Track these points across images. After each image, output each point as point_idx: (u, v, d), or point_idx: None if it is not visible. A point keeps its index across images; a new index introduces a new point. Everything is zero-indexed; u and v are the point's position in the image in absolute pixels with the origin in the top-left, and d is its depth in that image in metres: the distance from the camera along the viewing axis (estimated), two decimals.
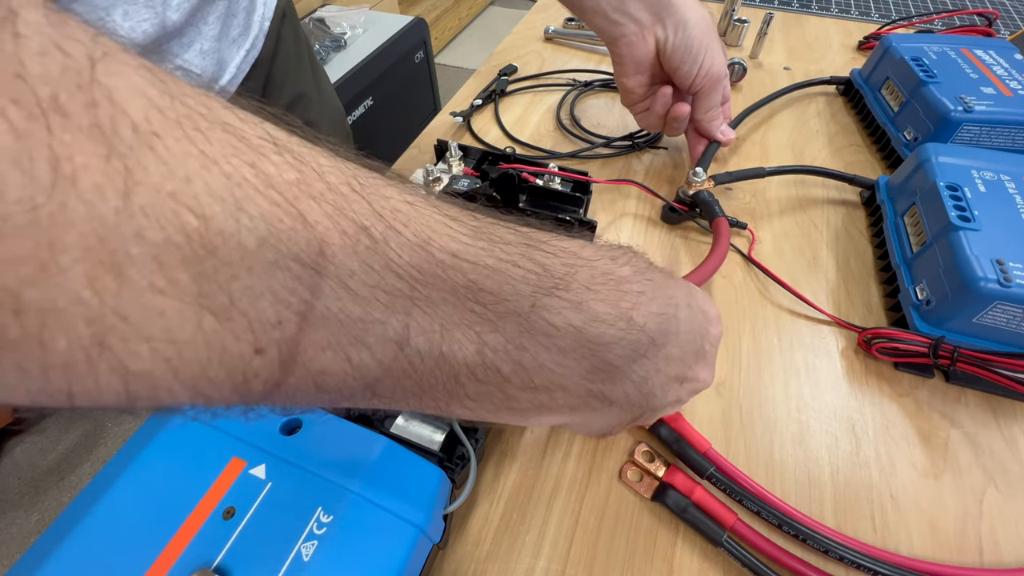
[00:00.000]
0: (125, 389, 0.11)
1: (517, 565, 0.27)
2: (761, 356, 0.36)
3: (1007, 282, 0.31)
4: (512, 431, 0.32)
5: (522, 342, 0.16)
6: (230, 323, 0.11)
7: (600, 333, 0.17)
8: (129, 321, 0.10)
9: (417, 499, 0.22)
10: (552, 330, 0.16)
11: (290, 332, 0.12)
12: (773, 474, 0.31)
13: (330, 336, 0.13)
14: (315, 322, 0.12)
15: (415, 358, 0.14)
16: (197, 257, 0.10)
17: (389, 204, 0.14)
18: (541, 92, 0.62)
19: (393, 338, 0.14)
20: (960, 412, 0.33)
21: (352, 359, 0.13)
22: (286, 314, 0.12)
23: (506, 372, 0.16)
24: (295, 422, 0.24)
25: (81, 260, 0.09)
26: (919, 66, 0.50)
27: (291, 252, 0.12)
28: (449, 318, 0.15)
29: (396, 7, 1.99)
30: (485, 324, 0.15)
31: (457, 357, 0.15)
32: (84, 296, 0.09)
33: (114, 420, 1.20)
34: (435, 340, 0.14)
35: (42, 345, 0.09)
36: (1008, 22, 0.78)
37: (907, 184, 0.41)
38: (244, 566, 0.20)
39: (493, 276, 0.15)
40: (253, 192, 0.11)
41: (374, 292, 0.13)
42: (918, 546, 0.28)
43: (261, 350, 0.12)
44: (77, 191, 0.09)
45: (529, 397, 0.18)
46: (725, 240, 0.39)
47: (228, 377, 0.12)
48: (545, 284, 0.16)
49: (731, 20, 0.70)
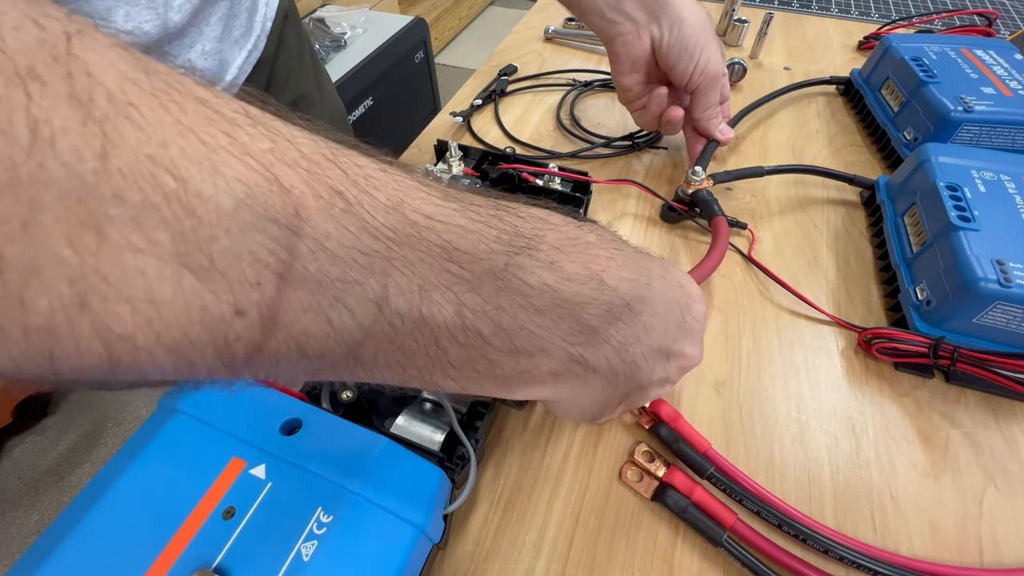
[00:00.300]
0: (107, 352, 0.11)
1: (517, 565, 0.27)
2: (761, 356, 0.36)
3: (1007, 282, 0.31)
4: (512, 430, 0.32)
5: (499, 302, 0.16)
6: (210, 283, 0.11)
7: (574, 292, 0.18)
8: (110, 281, 0.10)
9: (417, 499, 0.22)
10: (527, 288, 0.17)
11: (269, 293, 0.12)
12: (773, 474, 0.31)
13: (310, 297, 0.13)
14: (294, 283, 0.13)
15: (395, 320, 0.15)
16: (176, 218, 0.11)
17: (362, 171, 0.14)
18: (541, 92, 0.62)
19: (372, 299, 0.14)
20: (960, 412, 0.33)
21: (333, 321, 0.14)
22: (265, 274, 0.12)
23: (486, 334, 0.16)
24: (295, 422, 0.24)
25: (61, 219, 0.09)
26: (919, 66, 0.50)
27: (267, 214, 0.12)
28: (426, 279, 0.15)
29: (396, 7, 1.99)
30: (462, 284, 0.16)
31: (437, 319, 0.15)
32: (65, 255, 0.09)
33: (114, 420, 1.20)
34: (414, 301, 0.15)
35: (23, 305, 0.09)
36: (1008, 22, 0.78)
37: (907, 184, 0.41)
38: (244, 566, 0.20)
39: (466, 236, 0.16)
40: (229, 157, 0.12)
41: (351, 253, 0.13)
42: (918, 546, 0.28)
43: (242, 311, 0.12)
44: (55, 152, 0.09)
45: (512, 363, 0.18)
46: (724, 239, 0.39)
47: (210, 339, 0.12)
48: (517, 244, 0.17)
49: (731, 20, 0.70)
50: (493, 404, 0.31)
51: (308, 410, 0.24)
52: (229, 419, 0.23)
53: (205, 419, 0.23)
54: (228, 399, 0.24)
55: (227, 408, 0.24)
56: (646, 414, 0.32)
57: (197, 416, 0.23)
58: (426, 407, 0.30)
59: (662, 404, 0.31)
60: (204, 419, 0.23)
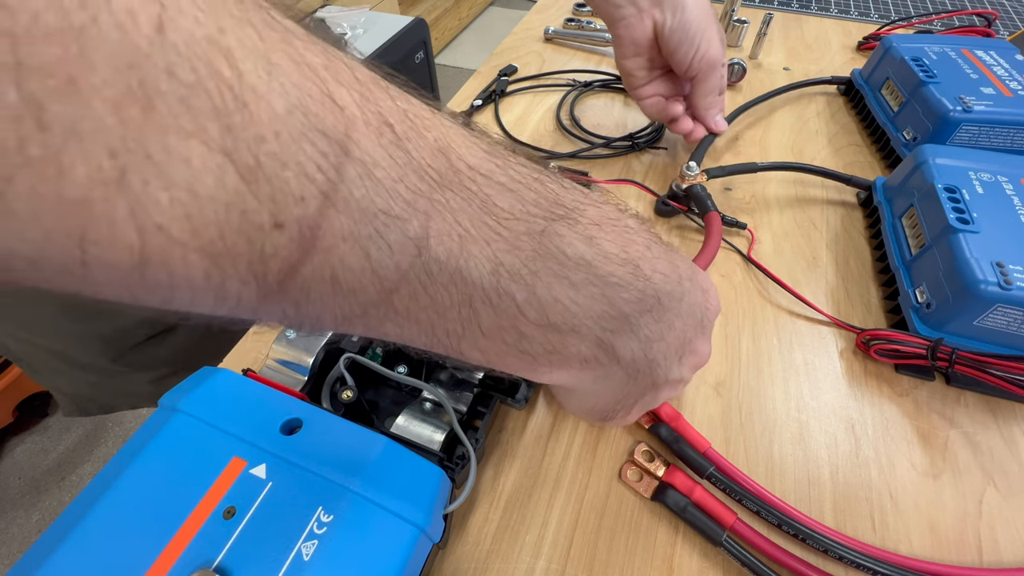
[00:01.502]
0: (140, 243, 0.10)
1: (517, 565, 0.27)
2: (761, 356, 0.36)
3: (1007, 285, 0.31)
4: (512, 430, 0.32)
5: (535, 267, 0.16)
6: (254, 186, 0.11)
7: (610, 272, 0.17)
8: (153, 160, 0.10)
9: (417, 499, 0.22)
10: (564, 259, 0.16)
11: (312, 211, 0.12)
12: (773, 474, 0.31)
13: (351, 224, 0.12)
14: (338, 205, 0.12)
15: (433, 267, 0.14)
16: (227, 109, 0.10)
17: (412, 108, 0.14)
18: (541, 92, 0.62)
19: (413, 239, 0.13)
20: (959, 412, 0.33)
21: (371, 254, 0.13)
22: (310, 190, 0.12)
23: (520, 301, 0.16)
24: (295, 422, 0.24)
25: (109, 83, 0.09)
26: (919, 66, 0.50)
27: (319, 126, 0.12)
28: (466, 230, 0.14)
29: (396, 7, 1.99)
30: (500, 242, 0.15)
31: (473, 275, 0.15)
32: (108, 123, 0.09)
33: (114, 420, 1.20)
34: (453, 250, 0.14)
35: (61, 171, 0.09)
36: (1007, 22, 0.78)
37: (905, 186, 0.41)
38: (244, 566, 0.20)
39: (506, 194, 0.15)
40: (285, 60, 0.11)
41: (396, 187, 0.13)
42: (917, 546, 0.28)
43: (281, 225, 0.11)
44: (110, 8, 0.09)
45: (542, 338, 0.17)
46: (717, 234, 0.39)
47: (247, 249, 0.11)
48: (556, 212, 0.16)
49: (731, 20, 0.70)
50: (493, 404, 0.31)
51: (308, 410, 0.24)
52: (230, 419, 0.23)
53: (206, 419, 0.23)
54: (229, 399, 0.24)
55: (228, 408, 0.24)
56: (646, 414, 0.32)
57: (198, 416, 0.23)
58: (426, 407, 0.30)
59: (662, 404, 0.31)
60: (205, 419, 0.23)
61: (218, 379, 0.25)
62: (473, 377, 0.32)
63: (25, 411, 1.15)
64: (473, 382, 0.31)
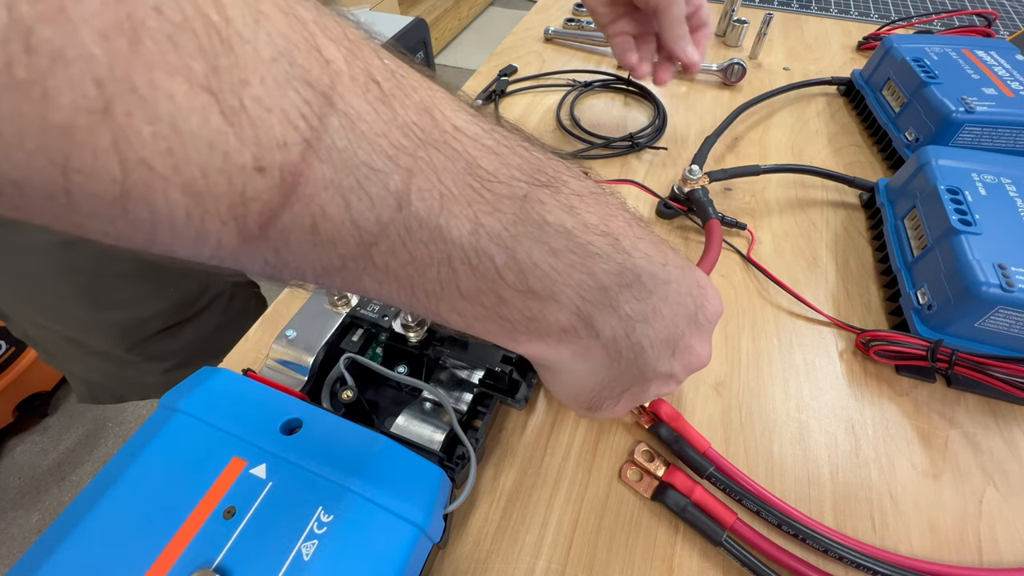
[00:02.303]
0: (122, 175, 0.10)
1: (517, 565, 0.27)
2: (761, 356, 0.36)
3: (1009, 287, 0.31)
4: (512, 430, 0.32)
5: (516, 231, 0.16)
6: (237, 128, 0.11)
7: (589, 241, 0.17)
8: (137, 93, 0.10)
9: (417, 499, 0.22)
10: (545, 225, 0.17)
11: (294, 157, 0.12)
12: (772, 474, 0.31)
13: (333, 174, 0.13)
14: (320, 154, 0.12)
15: (413, 223, 0.14)
16: (213, 50, 0.10)
17: (400, 69, 0.14)
18: (541, 92, 0.62)
19: (394, 193, 0.14)
20: (959, 412, 0.33)
21: (352, 205, 0.13)
22: (292, 136, 0.12)
23: (500, 264, 0.16)
24: (295, 422, 0.24)
25: (98, 14, 0.09)
26: (920, 67, 0.50)
27: (304, 76, 0.12)
28: (448, 188, 0.15)
29: (396, 7, 1.99)
30: (482, 203, 0.15)
31: (453, 234, 0.15)
32: (95, 52, 0.09)
33: (114, 420, 1.20)
34: (434, 208, 0.14)
35: (45, 96, 0.09)
36: (1007, 22, 0.78)
37: (907, 187, 0.41)
38: (245, 566, 0.20)
39: (491, 157, 0.15)
40: (274, 11, 0.11)
41: (379, 141, 0.13)
42: (917, 546, 0.28)
43: (263, 168, 0.12)
44: None
45: (521, 304, 0.17)
46: (717, 242, 0.39)
47: (227, 189, 0.12)
48: (538, 178, 0.17)
49: (730, 20, 0.70)
50: (493, 404, 0.31)
51: (308, 410, 0.24)
52: (230, 419, 0.23)
53: (206, 419, 0.23)
54: (229, 399, 0.24)
55: (228, 408, 0.24)
56: (646, 414, 0.32)
57: (198, 416, 0.23)
58: (426, 407, 0.30)
59: (662, 404, 0.31)
60: (205, 419, 0.23)
61: (218, 379, 0.25)
62: (473, 377, 0.32)
63: (25, 411, 1.15)
64: (473, 382, 0.31)
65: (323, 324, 0.32)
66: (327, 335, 0.31)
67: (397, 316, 0.32)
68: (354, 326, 0.33)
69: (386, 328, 0.31)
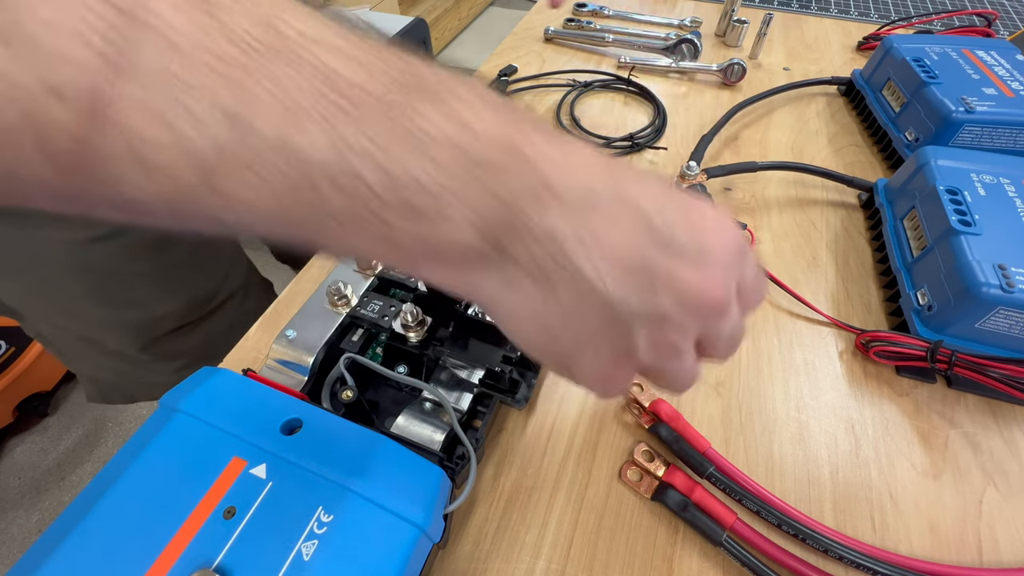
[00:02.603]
0: None
1: (517, 565, 0.27)
2: (761, 356, 0.36)
3: (1009, 288, 0.31)
4: (512, 430, 0.32)
5: (387, 143, 0.14)
6: (15, 49, 0.10)
7: (478, 150, 0.15)
8: None
9: (417, 499, 0.22)
10: (424, 136, 0.14)
11: (90, 75, 0.11)
12: (772, 474, 0.31)
13: (143, 92, 0.12)
14: (124, 72, 0.11)
15: (257, 143, 0.13)
16: None
17: None
18: (541, 92, 0.62)
19: (224, 110, 0.12)
20: (959, 413, 0.33)
21: (175, 127, 0.12)
22: (84, 54, 0.11)
23: (372, 182, 0.14)
24: (295, 422, 0.24)
25: None
26: (920, 67, 0.50)
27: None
28: (295, 100, 0.13)
29: (396, 7, 1.99)
30: (341, 115, 0.13)
31: (309, 152, 0.13)
32: None
33: (115, 420, 1.20)
34: (279, 123, 0.13)
35: None
36: (1007, 22, 0.78)
37: (906, 187, 0.41)
38: (245, 566, 0.20)
39: (350, 65, 0.14)
40: None
41: (199, 54, 0.12)
42: (917, 546, 0.28)
43: (60, 94, 0.11)
44: None
45: (408, 226, 0.15)
46: None
47: (26, 123, 0.11)
48: (414, 87, 0.15)
49: (731, 20, 0.70)
50: (493, 404, 0.31)
51: (308, 410, 0.24)
52: (230, 419, 0.23)
53: (206, 419, 0.23)
54: (229, 399, 0.24)
55: (228, 408, 0.24)
56: (646, 414, 0.32)
57: (198, 416, 0.23)
58: (426, 407, 0.30)
59: (662, 404, 0.31)
60: (205, 419, 0.23)
61: (218, 379, 0.25)
62: (473, 377, 0.32)
63: (25, 411, 1.15)
64: (473, 382, 0.31)
65: (323, 324, 0.32)
66: (327, 335, 0.31)
67: (397, 316, 0.32)
68: (354, 326, 0.33)
69: (386, 328, 0.31)
